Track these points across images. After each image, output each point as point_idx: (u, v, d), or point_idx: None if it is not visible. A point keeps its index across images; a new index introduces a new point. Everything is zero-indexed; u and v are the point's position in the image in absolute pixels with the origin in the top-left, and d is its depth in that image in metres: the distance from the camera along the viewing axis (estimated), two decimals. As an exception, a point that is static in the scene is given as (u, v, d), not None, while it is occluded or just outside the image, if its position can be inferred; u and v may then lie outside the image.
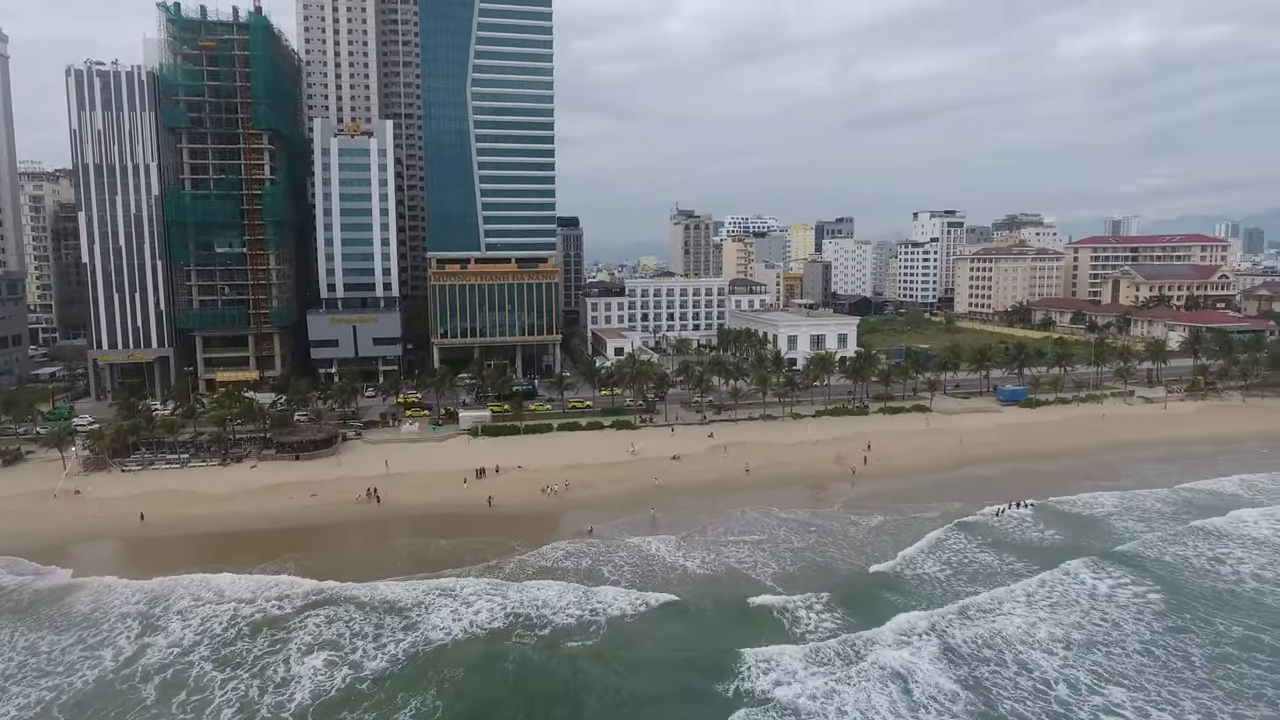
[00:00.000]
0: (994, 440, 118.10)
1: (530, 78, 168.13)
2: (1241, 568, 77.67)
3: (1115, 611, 68.49)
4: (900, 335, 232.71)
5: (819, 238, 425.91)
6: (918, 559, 78.04)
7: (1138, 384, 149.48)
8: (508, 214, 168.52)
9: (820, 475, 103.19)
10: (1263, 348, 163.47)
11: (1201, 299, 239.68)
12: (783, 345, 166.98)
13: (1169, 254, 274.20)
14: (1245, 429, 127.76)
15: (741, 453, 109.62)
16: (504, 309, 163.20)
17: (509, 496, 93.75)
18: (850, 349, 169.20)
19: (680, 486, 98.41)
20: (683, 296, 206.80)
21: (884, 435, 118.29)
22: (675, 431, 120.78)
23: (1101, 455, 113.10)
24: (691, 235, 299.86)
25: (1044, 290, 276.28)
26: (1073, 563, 77.41)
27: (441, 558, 78.18)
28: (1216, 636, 64.02)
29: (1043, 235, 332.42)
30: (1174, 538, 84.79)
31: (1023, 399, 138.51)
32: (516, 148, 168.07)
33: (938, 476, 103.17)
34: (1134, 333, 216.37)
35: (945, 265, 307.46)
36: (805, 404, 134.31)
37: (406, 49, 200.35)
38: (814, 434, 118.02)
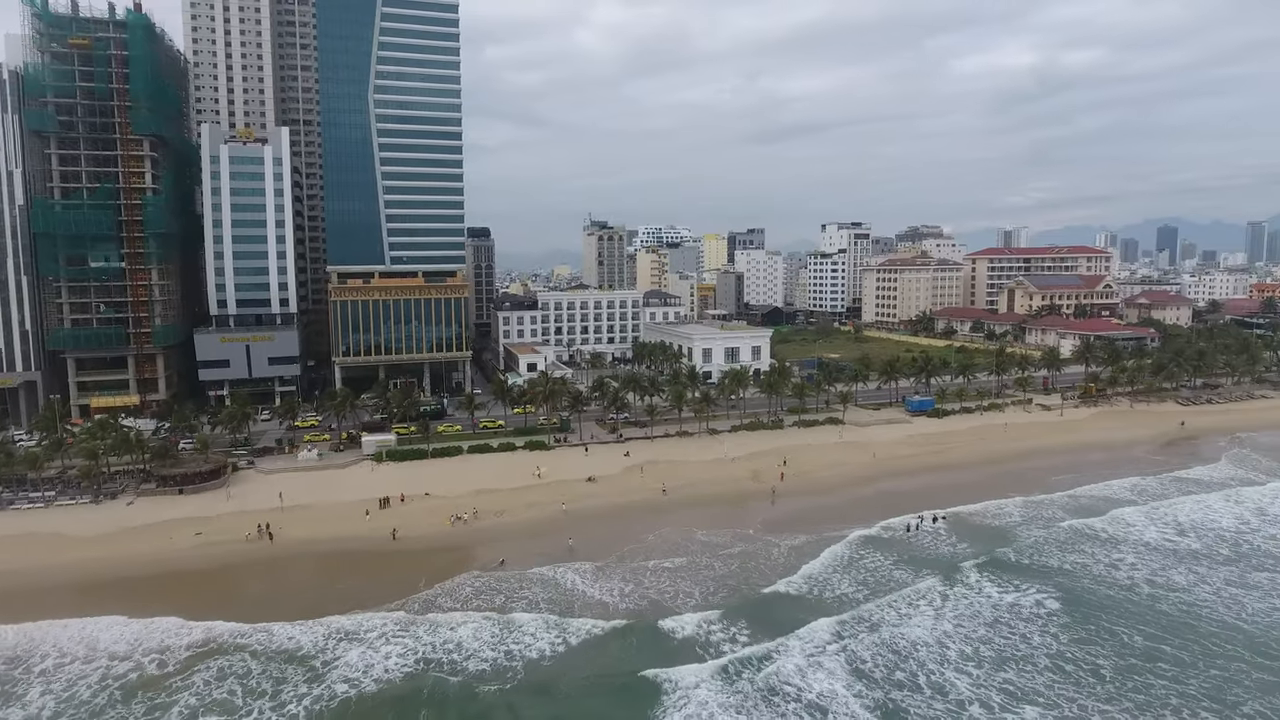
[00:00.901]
0: (906, 452, 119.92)
1: (437, 85, 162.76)
2: (1135, 573, 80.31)
3: (1022, 625, 69.44)
4: (812, 345, 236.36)
5: (731, 248, 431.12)
6: (833, 579, 77.50)
7: (1035, 391, 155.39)
8: (414, 225, 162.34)
9: (738, 494, 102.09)
10: (1146, 355, 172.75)
11: (1088, 307, 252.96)
12: (698, 358, 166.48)
13: (1058, 265, 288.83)
14: (1134, 434, 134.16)
15: (658, 472, 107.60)
16: (410, 325, 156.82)
17: (415, 528, 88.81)
18: (764, 361, 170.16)
19: (596, 510, 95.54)
20: (597, 309, 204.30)
21: (799, 450, 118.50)
22: (590, 451, 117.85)
23: (1006, 464, 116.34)
24: (605, 246, 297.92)
25: (945, 300, 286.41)
26: (979, 575, 78.74)
27: (343, 598, 72.86)
28: (1122, 648, 65.45)
29: (943, 246, 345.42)
30: (1072, 544, 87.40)
31: (930, 409, 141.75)
32: (423, 156, 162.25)
33: (853, 491, 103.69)
34: (1029, 340, 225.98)
35: (853, 276, 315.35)
36: (721, 418, 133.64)
37: (305, 52, 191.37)
38: (730, 450, 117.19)
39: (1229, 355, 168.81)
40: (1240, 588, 76.50)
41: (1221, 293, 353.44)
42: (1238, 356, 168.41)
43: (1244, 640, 66.18)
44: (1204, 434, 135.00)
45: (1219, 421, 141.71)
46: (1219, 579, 78.60)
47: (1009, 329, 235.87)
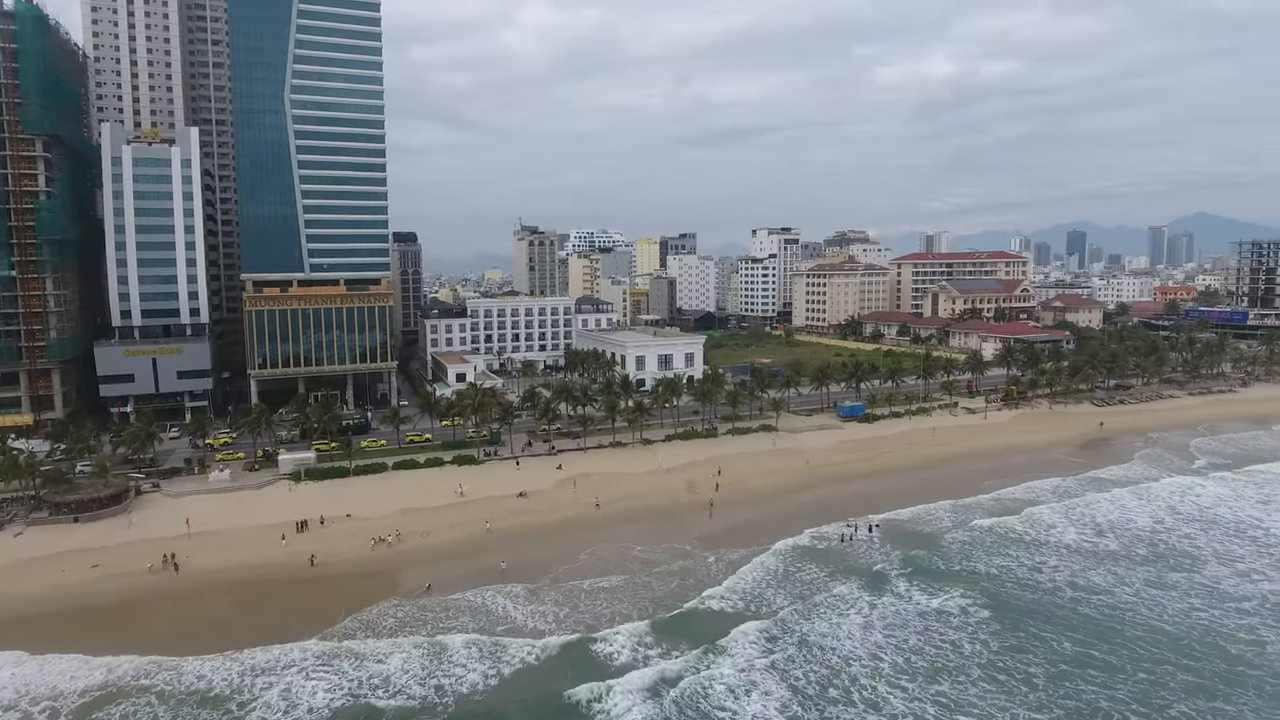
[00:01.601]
0: (838, 459, 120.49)
1: (358, 84, 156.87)
2: (1058, 575, 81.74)
3: (953, 633, 69.67)
4: (744, 350, 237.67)
5: (663, 253, 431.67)
6: (768, 594, 76.44)
7: (961, 395, 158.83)
8: (335, 231, 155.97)
9: (674, 506, 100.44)
10: (1063, 357, 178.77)
11: (1008, 311, 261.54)
12: (630, 366, 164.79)
13: (978, 269, 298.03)
14: (1054, 435, 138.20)
15: (592, 485, 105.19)
16: (332, 335, 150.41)
17: (335, 552, 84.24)
18: (698, 368, 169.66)
19: (528, 528, 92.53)
20: (528, 317, 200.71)
21: (734, 459, 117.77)
22: (521, 465, 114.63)
23: (935, 469, 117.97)
24: (536, 251, 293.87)
25: (873, 304, 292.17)
26: (908, 583, 79.01)
27: (259, 631, 68.17)
28: (1052, 654, 66.08)
29: (869, 251, 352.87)
30: (997, 548, 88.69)
31: (861, 414, 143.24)
32: (344, 159, 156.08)
33: (788, 500, 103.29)
34: (953, 343, 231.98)
35: (783, 280, 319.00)
36: (655, 428, 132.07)
37: (217, 49, 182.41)
38: (665, 461, 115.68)
39: (1139, 357, 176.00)
40: (1159, 588, 78.59)
41: (1128, 295, 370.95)
42: (1147, 358, 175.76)
43: (1168, 643, 67.70)
44: (1119, 434, 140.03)
45: (1132, 422, 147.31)
46: (1138, 580, 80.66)
47: (934, 332, 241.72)
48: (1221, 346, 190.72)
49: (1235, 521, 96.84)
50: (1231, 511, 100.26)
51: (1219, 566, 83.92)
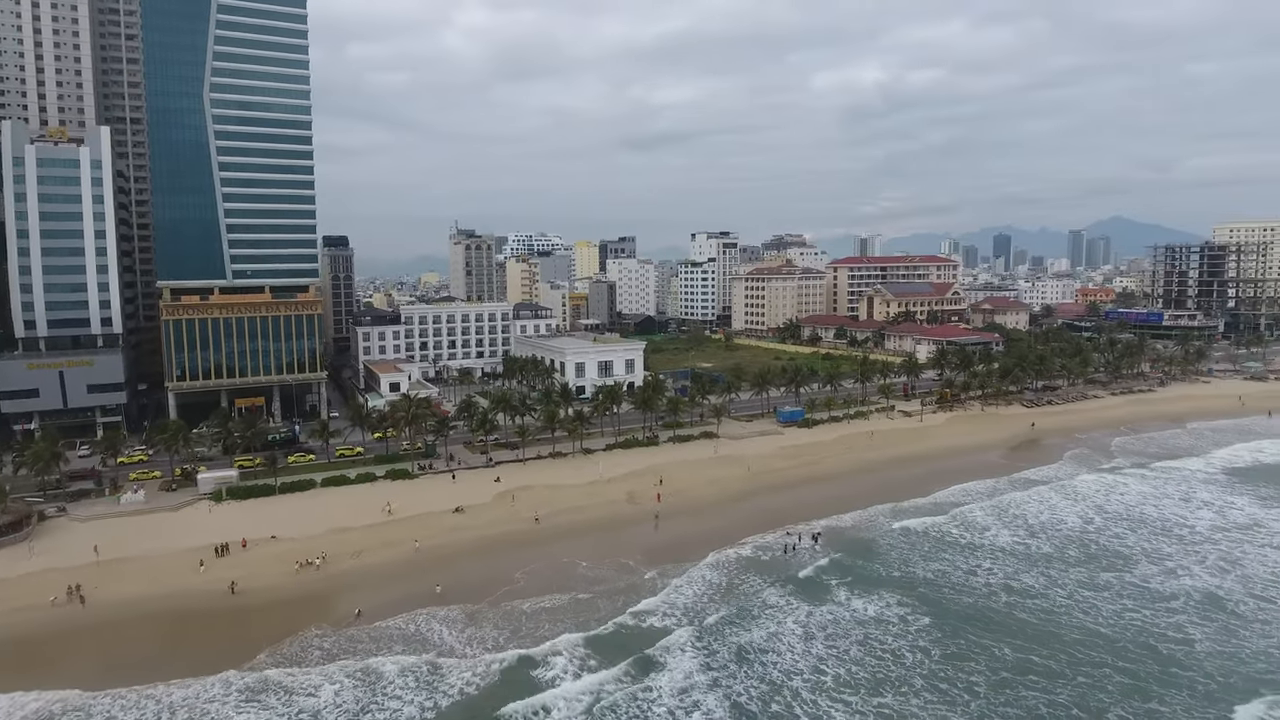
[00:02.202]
0: (779, 465, 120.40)
1: (284, 83, 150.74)
2: (992, 579, 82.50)
3: (893, 642, 69.55)
4: (684, 354, 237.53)
5: (603, 256, 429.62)
6: (711, 608, 75.13)
7: (897, 398, 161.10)
8: (260, 235, 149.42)
9: (616, 519, 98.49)
10: (993, 359, 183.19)
11: (940, 313, 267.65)
12: (570, 373, 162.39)
13: (911, 273, 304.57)
14: (988, 437, 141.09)
15: (531, 498, 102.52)
16: (257, 345, 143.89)
17: (258, 577, 79.74)
18: (638, 374, 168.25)
19: (465, 545, 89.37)
20: (465, 323, 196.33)
21: (675, 467, 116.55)
22: (458, 478, 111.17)
23: (873, 473, 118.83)
24: (473, 256, 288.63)
25: (810, 307, 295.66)
26: (849, 592, 78.91)
27: (175, 666, 63.84)
28: (993, 661, 66.37)
29: (806, 255, 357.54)
30: (934, 553, 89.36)
31: (801, 419, 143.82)
32: (269, 161, 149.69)
33: (731, 509, 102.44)
34: (888, 345, 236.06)
35: (722, 284, 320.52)
36: (596, 436, 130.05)
37: (131, 43, 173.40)
38: (606, 471, 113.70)
39: (1064, 359, 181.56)
40: (1092, 589, 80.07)
41: (1052, 297, 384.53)
42: (1072, 360, 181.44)
43: (1104, 645, 68.75)
44: (1048, 435, 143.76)
45: (1060, 422, 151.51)
46: (1072, 581, 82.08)
47: (870, 335, 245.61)
48: (1140, 347, 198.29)
49: (1160, 519, 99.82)
50: (1157, 509, 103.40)
51: (1147, 565, 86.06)
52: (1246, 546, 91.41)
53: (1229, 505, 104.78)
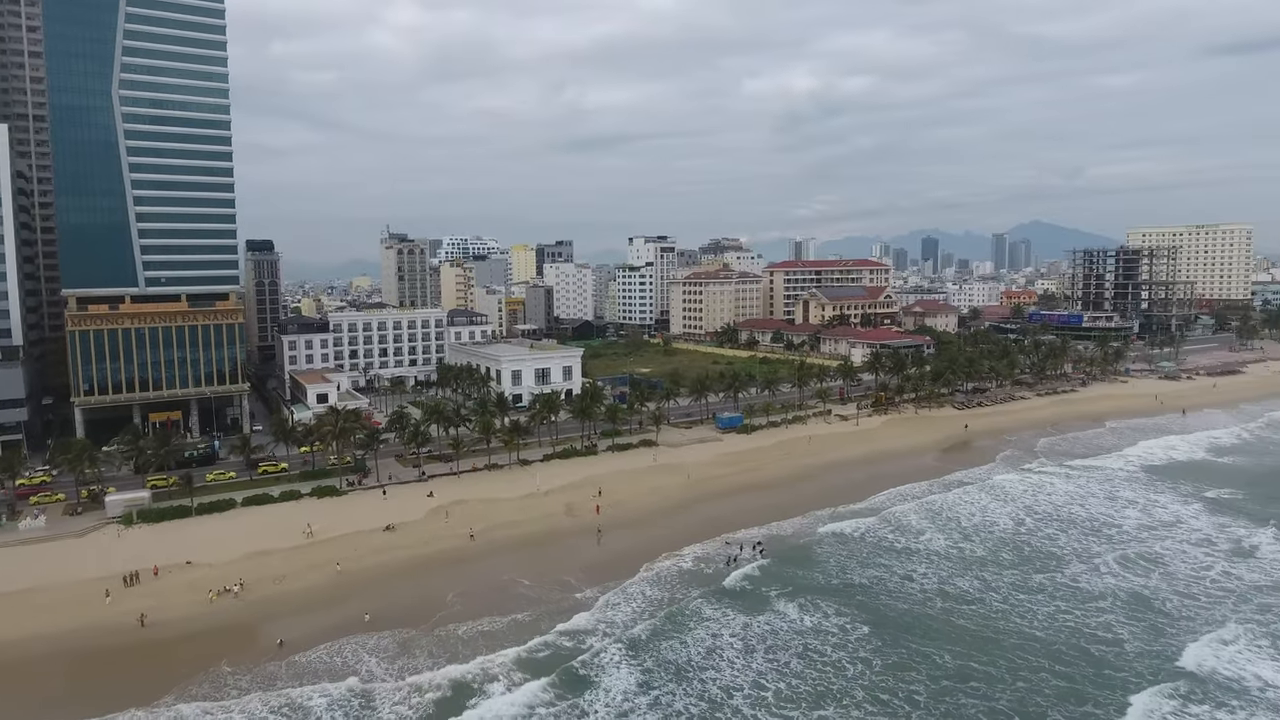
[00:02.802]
0: (719, 472, 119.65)
1: (200, 81, 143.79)
2: (928, 584, 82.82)
3: (833, 653, 69.02)
4: (623, 360, 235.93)
5: (539, 260, 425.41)
6: (649, 623, 73.50)
7: (834, 402, 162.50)
8: (175, 241, 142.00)
9: (555, 533, 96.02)
10: (926, 362, 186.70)
11: (873, 317, 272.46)
12: (506, 381, 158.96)
13: (845, 277, 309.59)
14: (922, 440, 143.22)
15: (466, 514, 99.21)
16: (172, 356, 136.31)
17: (170, 608, 74.71)
18: (576, 381, 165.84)
19: (397, 565, 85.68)
20: (396, 330, 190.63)
21: (615, 477, 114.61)
22: (389, 494, 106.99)
23: (812, 479, 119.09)
24: (406, 260, 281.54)
25: (747, 311, 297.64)
26: (788, 602, 78.08)
27: (77, 708, 58.96)
28: (933, 670, 66.30)
29: (743, 259, 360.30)
30: (871, 559, 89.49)
31: (739, 425, 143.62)
32: (185, 162, 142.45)
33: (671, 520, 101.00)
34: (824, 349, 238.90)
35: (660, 289, 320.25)
36: (533, 446, 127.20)
37: (33, 35, 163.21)
38: (543, 483, 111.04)
39: (993, 361, 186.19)
40: (1025, 592, 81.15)
41: (979, 300, 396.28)
42: (1000, 361, 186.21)
43: (1040, 648, 69.46)
44: (979, 436, 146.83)
45: (990, 424, 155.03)
46: (1006, 584, 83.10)
47: (806, 339, 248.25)
48: (1063, 349, 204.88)
49: (1089, 519, 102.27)
50: (1084, 509, 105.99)
51: (1077, 565, 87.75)
52: (1168, 543, 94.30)
53: (1153, 503, 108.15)
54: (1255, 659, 67.86)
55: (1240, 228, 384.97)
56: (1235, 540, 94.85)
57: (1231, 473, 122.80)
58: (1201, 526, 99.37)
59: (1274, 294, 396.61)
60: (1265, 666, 66.65)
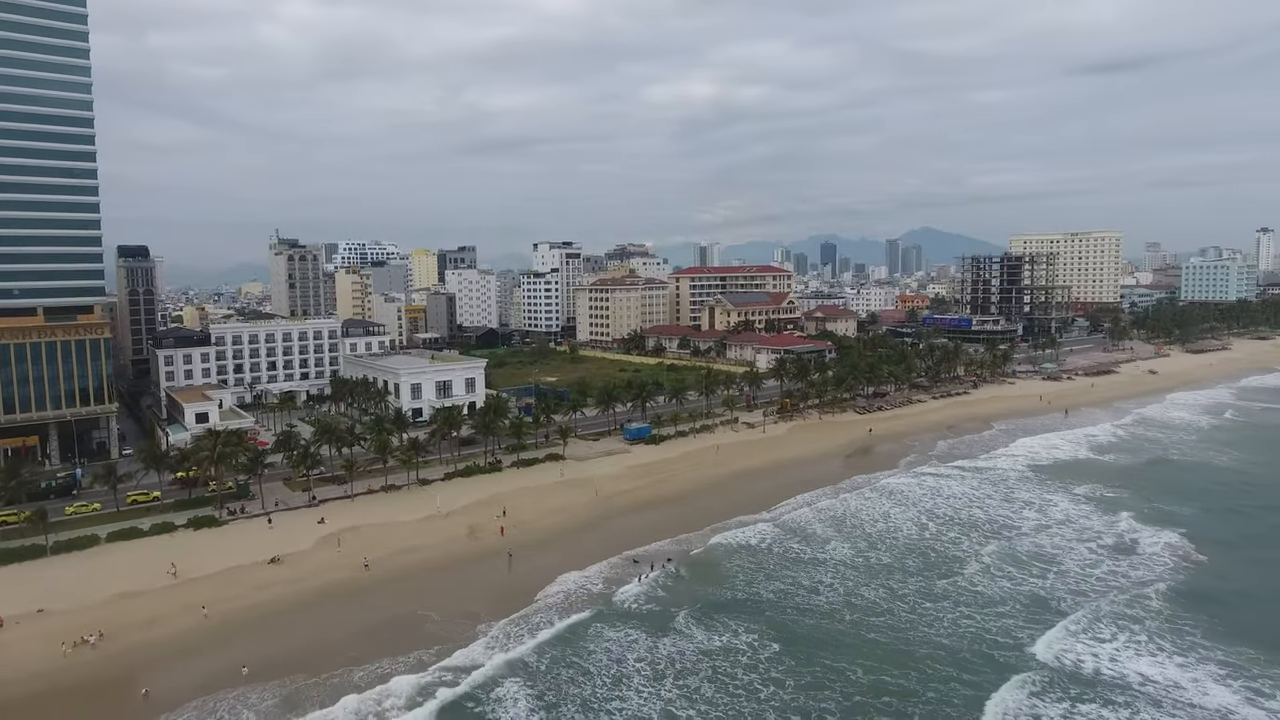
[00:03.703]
0: (628, 486, 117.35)
1: (56, 74, 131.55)
2: (835, 596, 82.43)
3: (745, 675, 67.61)
4: (529, 368, 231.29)
5: (442, 266, 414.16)
6: (554, 653, 70.41)
7: (740, 410, 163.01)
8: (27, 249, 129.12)
9: (456, 558, 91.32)
10: (828, 367, 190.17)
11: (777, 322, 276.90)
12: (405, 396, 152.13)
13: (749, 283, 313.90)
14: (827, 445, 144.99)
15: (361, 541, 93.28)
16: (26, 375, 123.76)
17: (17, 664, 66.46)
18: (480, 393, 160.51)
19: (281, 603, 79.28)
20: (286, 342, 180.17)
21: (520, 495, 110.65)
22: (275, 522, 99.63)
23: (720, 489, 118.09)
24: (297, 267, 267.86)
25: (654, 317, 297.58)
26: (696, 624, 76.01)
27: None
28: (847, 687, 65.59)
29: (649, 265, 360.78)
30: (778, 571, 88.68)
31: (647, 436, 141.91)
32: (37, 163, 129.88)
33: (578, 539, 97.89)
34: (730, 355, 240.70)
35: (566, 295, 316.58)
36: (433, 464, 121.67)
37: None
38: (444, 504, 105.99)
39: (891, 365, 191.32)
40: (931, 600, 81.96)
41: (876, 304, 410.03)
42: (898, 366, 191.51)
43: (947, 657, 69.91)
44: (881, 441, 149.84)
45: (891, 427, 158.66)
46: (912, 592, 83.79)
47: (712, 345, 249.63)
48: (956, 353, 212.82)
49: (986, 520, 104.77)
50: (983, 511, 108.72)
51: (978, 569, 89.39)
52: (1059, 540, 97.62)
53: (1046, 503, 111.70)
54: (1135, 656, 70.14)
55: (1110, 235, 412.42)
56: (1118, 535, 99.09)
57: (1111, 470, 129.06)
58: (1090, 524, 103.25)
59: (1140, 297, 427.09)
60: (1144, 663, 68.95)
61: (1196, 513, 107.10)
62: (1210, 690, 65.32)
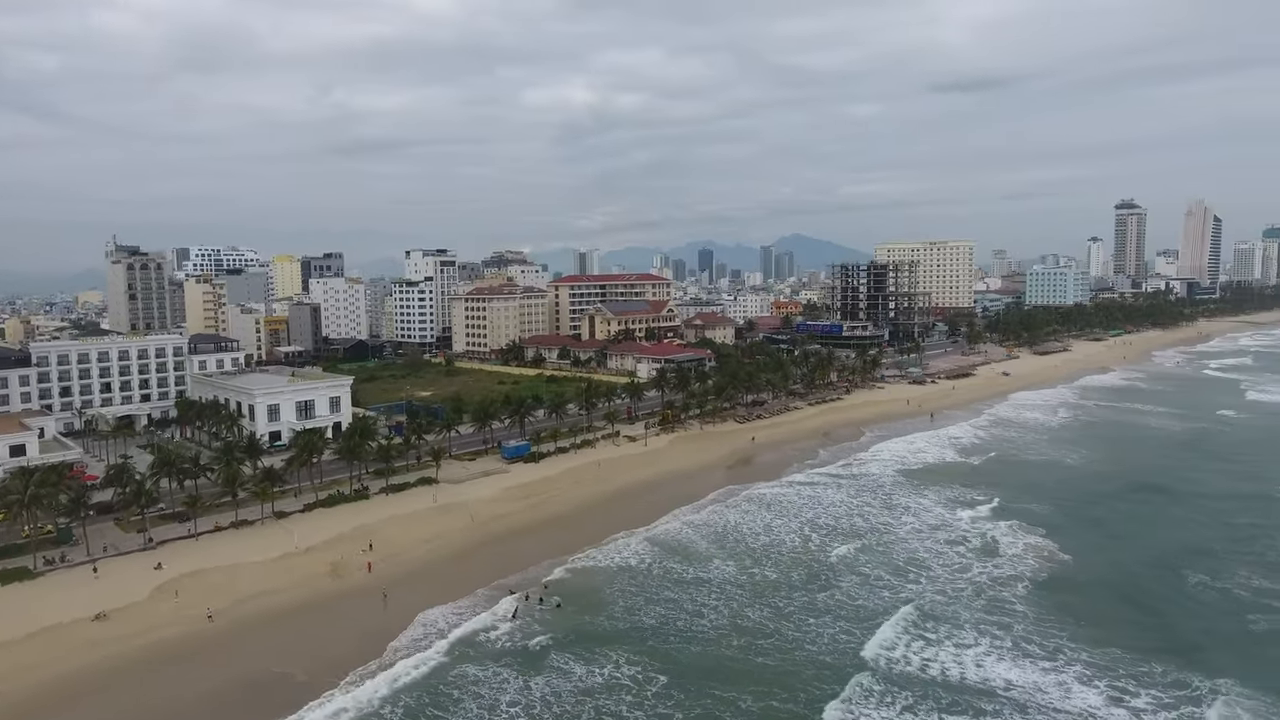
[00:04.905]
0: (506, 509, 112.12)
1: None
2: (720, 620, 79.98)
3: (630, 712, 64.55)
4: (401, 382, 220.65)
5: (305, 274, 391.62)
6: (420, 704, 65.11)
7: (622, 422, 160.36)
8: None
9: (317, 600, 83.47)
10: (708, 376, 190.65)
11: (657, 331, 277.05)
12: (261, 418, 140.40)
13: (629, 291, 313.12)
14: (709, 457, 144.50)
15: (204, 588, 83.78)
16: None
17: None
18: (345, 413, 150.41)
19: (107, 668, 69.49)
20: (123, 361, 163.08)
21: (389, 525, 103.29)
22: (102, 571, 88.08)
23: (602, 509, 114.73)
24: (139, 276, 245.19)
25: (533, 327, 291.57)
26: (573, 658, 72.45)
27: None
28: (739, 717, 63.73)
29: (527, 273, 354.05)
30: (660, 594, 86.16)
31: (526, 454, 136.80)
32: None
33: (453, 571, 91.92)
34: (611, 365, 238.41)
35: (441, 304, 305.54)
36: (292, 494, 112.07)
37: None
38: (303, 539, 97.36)
39: (769, 373, 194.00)
40: (814, 615, 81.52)
41: (753, 311, 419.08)
42: (775, 374, 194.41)
43: (832, 675, 69.34)
44: (761, 450, 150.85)
45: (770, 436, 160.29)
46: (797, 609, 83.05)
47: (593, 354, 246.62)
48: (829, 359, 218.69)
49: (868, 529, 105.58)
50: (863, 519, 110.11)
51: (855, 580, 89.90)
52: (931, 545, 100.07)
53: (921, 508, 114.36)
54: (998, 661, 71.84)
55: (964, 244, 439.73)
56: (985, 538, 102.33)
57: (975, 472, 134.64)
58: (960, 527, 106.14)
59: (991, 302, 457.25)
60: (1007, 667, 70.62)
61: (1055, 512, 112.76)
62: (1075, 691, 67.51)
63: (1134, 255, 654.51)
